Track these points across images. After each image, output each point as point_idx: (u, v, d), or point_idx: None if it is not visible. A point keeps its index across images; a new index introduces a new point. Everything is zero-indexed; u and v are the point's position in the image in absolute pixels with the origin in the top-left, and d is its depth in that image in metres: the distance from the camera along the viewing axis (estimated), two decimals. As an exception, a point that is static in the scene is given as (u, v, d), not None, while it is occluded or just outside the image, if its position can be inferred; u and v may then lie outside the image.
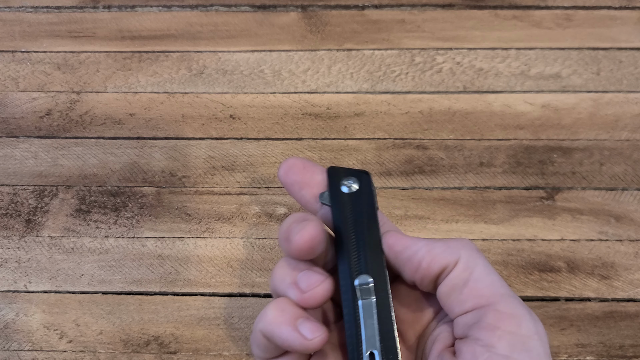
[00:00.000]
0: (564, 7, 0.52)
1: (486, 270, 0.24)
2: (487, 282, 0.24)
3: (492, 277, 0.24)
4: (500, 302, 0.23)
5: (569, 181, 0.44)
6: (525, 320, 0.23)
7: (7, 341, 0.38)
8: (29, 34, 0.51)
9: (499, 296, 0.24)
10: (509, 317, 0.23)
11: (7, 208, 0.43)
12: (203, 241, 0.42)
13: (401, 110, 0.47)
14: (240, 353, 0.38)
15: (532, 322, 0.23)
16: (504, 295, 0.23)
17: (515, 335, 0.22)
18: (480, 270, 0.24)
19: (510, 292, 0.24)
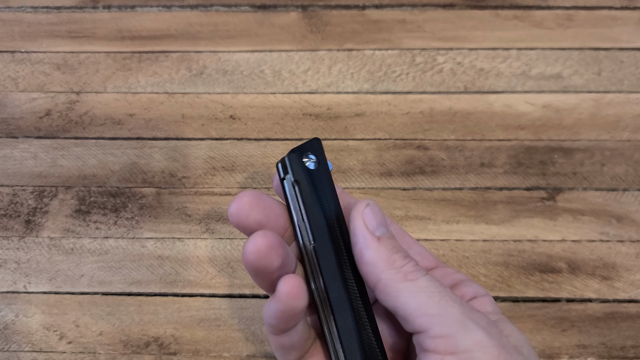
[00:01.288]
0: (565, 7, 0.52)
1: (411, 291, 0.23)
2: (413, 306, 0.23)
3: (418, 298, 0.23)
4: (432, 327, 0.23)
5: (570, 182, 0.44)
6: (460, 336, 0.22)
7: (7, 342, 0.38)
8: (28, 34, 0.51)
9: (428, 319, 0.23)
10: (443, 339, 0.22)
11: (6, 209, 0.43)
12: (203, 242, 0.41)
13: (402, 111, 0.47)
14: (240, 354, 0.38)
15: (466, 335, 0.22)
16: (434, 316, 0.23)
17: (456, 355, 0.22)
18: (404, 296, 0.23)
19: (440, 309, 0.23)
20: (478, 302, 0.26)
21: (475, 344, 0.22)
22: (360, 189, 0.43)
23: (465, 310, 0.23)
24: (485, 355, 0.22)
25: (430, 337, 0.23)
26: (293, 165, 0.26)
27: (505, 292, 0.40)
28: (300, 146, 0.26)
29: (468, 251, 0.41)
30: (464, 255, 0.41)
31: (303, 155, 0.26)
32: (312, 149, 0.26)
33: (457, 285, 0.26)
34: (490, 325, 0.23)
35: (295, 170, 0.26)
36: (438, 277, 0.26)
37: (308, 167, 0.26)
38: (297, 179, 0.26)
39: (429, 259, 0.28)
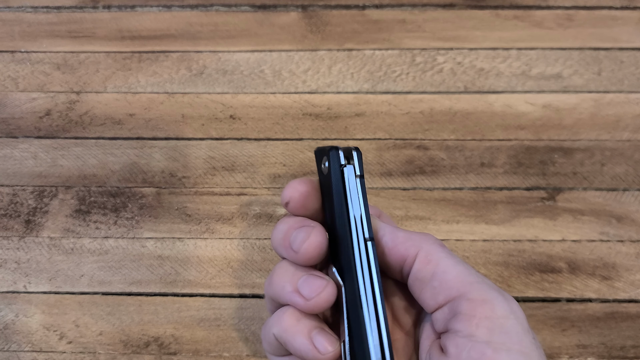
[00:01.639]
0: (565, 7, 0.52)
1: (451, 261, 0.25)
2: (454, 273, 0.24)
3: (458, 267, 0.25)
4: (470, 291, 0.24)
5: (570, 182, 0.44)
6: (498, 302, 0.24)
7: (7, 342, 0.38)
8: (28, 34, 0.51)
9: (468, 285, 0.24)
10: (481, 303, 0.23)
11: (6, 209, 0.43)
12: (203, 242, 0.41)
13: (402, 111, 0.47)
14: (241, 354, 0.38)
15: (505, 302, 0.24)
16: (473, 283, 0.24)
17: (491, 319, 0.23)
18: (445, 263, 0.25)
19: (479, 278, 0.24)
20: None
21: (512, 311, 0.23)
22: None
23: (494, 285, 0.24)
24: (518, 320, 0.23)
25: (468, 299, 0.23)
26: (359, 160, 0.26)
27: (505, 292, 0.40)
28: (355, 147, 0.27)
29: (468, 251, 0.41)
30: (464, 255, 0.41)
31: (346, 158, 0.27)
32: (356, 156, 0.27)
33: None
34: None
35: (360, 165, 0.26)
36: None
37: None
38: (362, 174, 0.26)
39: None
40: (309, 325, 0.25)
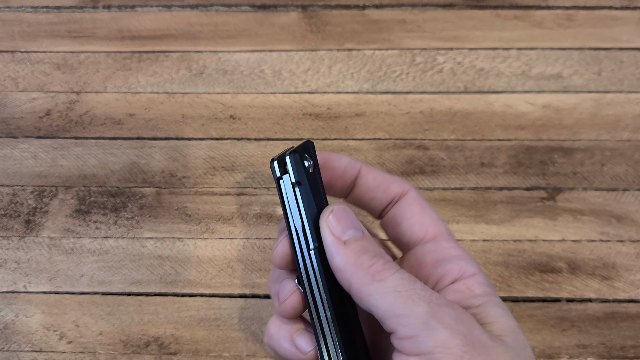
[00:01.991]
0: (565, 7, 0.52)
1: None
2: (382, 308, 0.24)
3: (387, 299, 0.24)
4: (399, 330, 0.23)
5: (570, 182, 0.44)
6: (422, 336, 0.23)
7: (7, 342, 0.38)
8: (28, 34, 0.51)
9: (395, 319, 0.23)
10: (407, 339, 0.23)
11: (6, 209, 0.43)
12: (203, 242, 0.41)
13: (402, 111, 0.47)
14: (240, 354, 0.38)
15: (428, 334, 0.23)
16: (400, 317, 0.23)
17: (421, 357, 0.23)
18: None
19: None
20: (462, 284, 0.26)
21: (437, 345, 0.22)
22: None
23: (432, 308, 0.22)
24: (447, 356, 0.22)
25: (397, 338, 0.23)
26: (295, 165, 0.25)
27: (505, 292, 0.39)
28: (297, 147, 0.26)
29: (468, 251, 0.41)
30: (464, 255, 0.41)
31: (302, 156, 0.26)
32: (308, 151, 0.27)
33: (444, 261, 0.26)
34: (458, 321, 0.22)
35: (297, 171, 0.25)
36: (429, 252, 0.27)
37: (307, 169, 0.26)
38: (298, 180, 0.26)
39: (429, 229, 0.28)
40: (290, 329, 0.27)
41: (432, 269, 0.26)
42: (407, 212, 0.28)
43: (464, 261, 0.26)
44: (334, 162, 0.28)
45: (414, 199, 0.28)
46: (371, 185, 0.29)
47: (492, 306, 0.25)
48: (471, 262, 0.27)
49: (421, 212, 0.28)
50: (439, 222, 0.28)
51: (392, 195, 0.29)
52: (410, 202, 0.28)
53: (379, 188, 0.29)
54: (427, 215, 0.28)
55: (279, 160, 0.26)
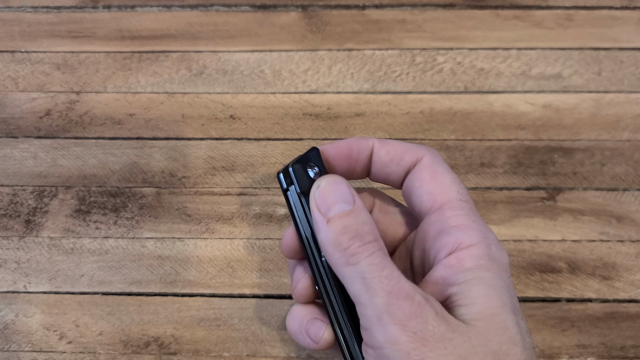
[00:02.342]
0: (565, 7, 0.52)
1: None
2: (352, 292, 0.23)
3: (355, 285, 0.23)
4: (360, 319, 0.23)
5: (570, 182, 0.44)
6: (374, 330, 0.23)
7: (7, 342, 0.38)
8: (28, 34, 0.51)
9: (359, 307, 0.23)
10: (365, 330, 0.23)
11: (6, 209, 0.43)
12: (203, 242, 0.41)
13: (402, 111, 0.47)
14: (240, 354, 0.38)
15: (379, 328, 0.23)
16: (361, 307, 0.23)
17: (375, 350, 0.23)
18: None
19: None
20: (454, 257, 0.24)
21: (386, 341, 0.22)
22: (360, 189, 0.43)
23: (389, 300, 0.22)
24: (395, 352, 0.22)
25: (360, 326, 0.23)
26: (298, 176, 0.26)
27: (505, 292, 0.39)
28: (301, 157, 0.26)
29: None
30: (464, 255, 0.41)
31: (307, 165, 0.26)
32: (313, 159, 0.27)
33: (442, 233, 0.25)
34: (411, 316, 0.22)
35: (300, 182, 0.26)
36: (432, 223, 0.26)
37: (312, 177, 0.26)
38: (303, 191, 0.26)
39: (437, 197, 0.27)
40: (301, 319, 0.27)
41: (432, 241, 0.26)
42: (417, 182, 0.27)
43: (462, 232, 0.25)
44: (344, 149, 0.28)
45: (426, 166, 0.27)
46: (385, 160, 0.28)
47: (476, 284, 0.23)
48: (472, 232, 0.25)
49: (431, 180, 0.27)
50: (450, 188, 0.26)
51: (406, 165, 0.28)
52: (422, 170, 0.27)
53: (393, 161, 0.28)
54: (437, 183, 0.27)
55: (284, 172, 0.26)
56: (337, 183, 0.25)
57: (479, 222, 0.26)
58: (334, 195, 0.25)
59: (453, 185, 0.27)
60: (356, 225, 0.24)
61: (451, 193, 0.26)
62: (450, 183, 0.27)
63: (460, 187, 0.27)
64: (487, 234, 0.25)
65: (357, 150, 0.28)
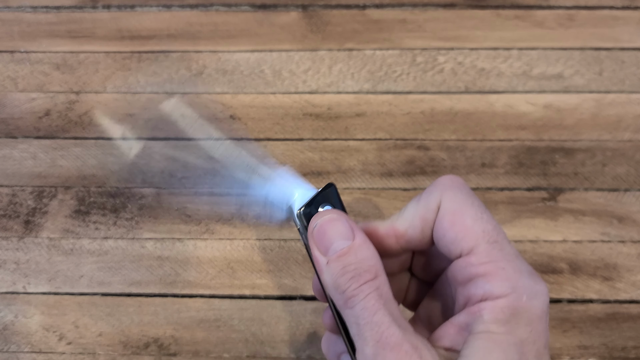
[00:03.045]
0: (566, 7, 0.52)
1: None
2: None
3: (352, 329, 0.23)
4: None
5: (571, 182, 0.43)
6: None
7: (6, 343, 0.38)
8: (28, 34, 0.51)
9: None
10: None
11: (5, 209, 0.43)
12: (203, 242, 0.41)
13: (402, 111, 0.47)
14: (240, 355, 0.38)
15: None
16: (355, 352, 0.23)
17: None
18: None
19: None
20: (477, 307, 0.23)
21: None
22: (360, 189, 0.43)
23: (376, 350, 0.22)
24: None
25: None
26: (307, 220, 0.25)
27: (506, 293, 0.39)
28: (315, 196, 0.25)
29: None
30: (464, 255, 0.41)
31: (320, 206, 0.25)
32: (328, 197, 0.25)
33: (470, 283, 0.24)
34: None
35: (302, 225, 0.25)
36: (459, 270, 0.24)
37: None
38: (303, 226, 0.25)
39: (463, 244, 0.24)
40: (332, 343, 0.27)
41: (462, 288, 0.24)
42: (440, 231, 0.25)
43: (489, 283, 0.23)
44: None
45: (445, 212, 0.24)
46: (400, 231, 0.25)
47: (481, 339, 0.23)
48: (500, 282, 0.23)
49: (451, 227, 0.24)
50: (473, 231, 0.24)
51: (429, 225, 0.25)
52: (441, 219, 0.25)
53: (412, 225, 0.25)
54: (458, 229, 0.24)
55: (297, 214, 0.25)
56: (333, 220, 0.24)
57: (511, 265, 0.23)
58: (331, 232, 0.24)
59: (476, 225, 0.24)
60: (355, 264, 0.23)
61: (476, 236, 0.24)
62: (473, 224, 0.24)
63: (487, 224, 0.24)
64: (520, 280, 0.23)
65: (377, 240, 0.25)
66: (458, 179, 0.25)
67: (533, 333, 0.23)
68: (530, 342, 0.23)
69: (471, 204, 0.24)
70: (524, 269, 0.23)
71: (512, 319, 0.23)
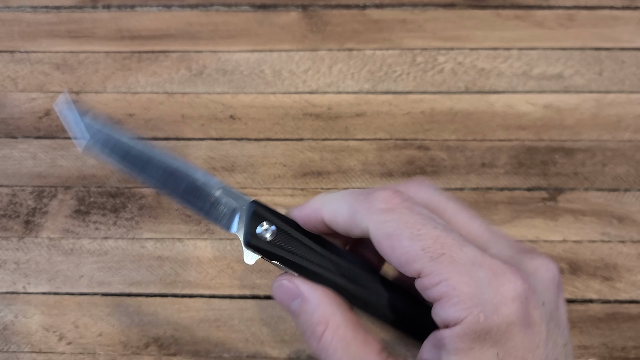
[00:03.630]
0: (566, 7, 0.52)
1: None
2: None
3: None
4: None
5: (571, 182, 0.43)
6: None
7: (6, 343, 0.38)
8: (28, 34, 0.51)
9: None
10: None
11: (6, 209, 0.43)
12: (203, 242, 0.41)
13: (402, 111, 0.47)
14: (240, 355, 0.38)
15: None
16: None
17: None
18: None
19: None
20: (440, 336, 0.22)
21: None
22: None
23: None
24: None
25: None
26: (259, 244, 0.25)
27: (506, 293, 0.39)
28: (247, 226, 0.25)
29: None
30: (464, 255, 0.41)
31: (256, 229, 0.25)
32: (259, 216, 0.25)
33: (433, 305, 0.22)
34: None
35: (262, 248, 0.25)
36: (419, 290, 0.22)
37: (267, 239, 0.25)
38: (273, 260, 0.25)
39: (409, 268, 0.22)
40: None
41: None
42: (386, 257, 0.23)
43: (443, 309, 0.21)
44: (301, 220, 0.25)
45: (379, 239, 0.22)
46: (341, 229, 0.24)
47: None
48: (454, 307, 0.20)
49: (392, 253, 0.22)
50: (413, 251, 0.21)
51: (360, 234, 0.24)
52: (379, 246, 0.23)
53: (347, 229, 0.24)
54: (399, 253, 0.22)
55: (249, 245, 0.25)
56: (280, 286, 0.25)
57: (463, 279, 0.21)
58: (282, 297, 0.25)
59: (414, 244, 0.21)
60: (309, 324, 0.24)
61: (417, 256, 0.21)
62: (410, 244, 0.22)
63: (425, 240, 0.21)
64: (476, 295, 0.20)
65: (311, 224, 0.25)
66: (391, 197, 0.23)
67: (504, 352, 0.21)
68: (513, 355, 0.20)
69: (405, 223, 0.22)
70: (483, 277, 0.21)
71: (475, 345, 0.21)
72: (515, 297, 0.20)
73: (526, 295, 0.21)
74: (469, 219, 0.26)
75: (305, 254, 0.25)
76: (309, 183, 0.43)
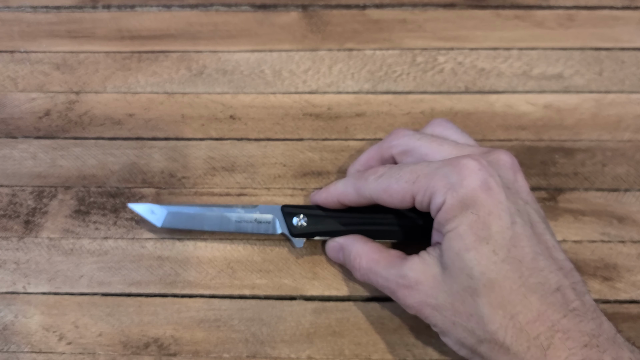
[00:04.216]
0: (566, 7, 0.52)
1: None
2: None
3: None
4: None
5: (571, 182, 0.43)
6: None
7: (6, 343, 0.38)
8: (27, 33, 0.51)
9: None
10: None
11: (5, 209, 0.43)
12: (203, 242, 0.41)
13: (402, 111, 0.47)
14: (241, 355, 0.38)
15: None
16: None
17: None
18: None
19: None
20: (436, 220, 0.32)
21: None
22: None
23: None
24: None
25: None
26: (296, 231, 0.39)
27: (506, 293, 0.39)
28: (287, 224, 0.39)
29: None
30: (464, 256, 0.41)
31: (293, 220, 0.38)
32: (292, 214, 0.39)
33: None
34: None
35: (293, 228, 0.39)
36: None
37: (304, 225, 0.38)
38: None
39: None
40: None
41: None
42: None
43: (433, 203, 0.31)
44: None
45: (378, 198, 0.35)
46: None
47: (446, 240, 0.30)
48: (438, 193, 0.31)
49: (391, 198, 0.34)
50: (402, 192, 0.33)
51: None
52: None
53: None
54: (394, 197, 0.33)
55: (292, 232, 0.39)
56: (329, 248, 0.39)
57: (436, 181, 0.30)
58: (332, 253, 0.39)
59: (400, 184, 0.33)
60: (351, 261, 0.37)
61: (407, 190, 0.32)
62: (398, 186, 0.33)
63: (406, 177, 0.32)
64: (447, 183, 0.30)
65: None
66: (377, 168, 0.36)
67: (476, 210, 0.29)
68: (481, 220, 0.29)
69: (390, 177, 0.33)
70: (448, 170, 0.31)
71: (458, 212, 0.30)
72: (472, 172, 0.30)
73: (481, 170, 0.30)
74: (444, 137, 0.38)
75: (331, 224, 0.37)
76: (309, 183, 0.43)
